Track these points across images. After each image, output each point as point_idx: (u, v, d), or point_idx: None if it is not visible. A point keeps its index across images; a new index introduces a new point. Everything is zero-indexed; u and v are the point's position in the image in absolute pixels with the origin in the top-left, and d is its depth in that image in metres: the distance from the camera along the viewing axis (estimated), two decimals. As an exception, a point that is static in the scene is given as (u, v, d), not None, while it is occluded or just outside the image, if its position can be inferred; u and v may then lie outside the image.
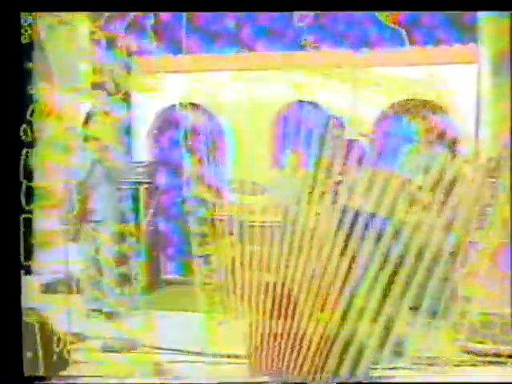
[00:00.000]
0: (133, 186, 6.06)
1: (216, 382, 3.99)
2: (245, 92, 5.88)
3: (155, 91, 5.78)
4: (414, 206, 4.08)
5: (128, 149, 6.37)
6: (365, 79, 5.70)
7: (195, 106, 6.14)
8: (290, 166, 5.66)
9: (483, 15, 5.46)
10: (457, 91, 5.65)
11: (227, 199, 5.74)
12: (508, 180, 4.16)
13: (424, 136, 5.17)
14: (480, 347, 4.30)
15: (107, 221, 5.31)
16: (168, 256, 6.59)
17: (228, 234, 4.56)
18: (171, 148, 6.49)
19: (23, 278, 3.98)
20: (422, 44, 5.87)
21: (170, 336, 4.55)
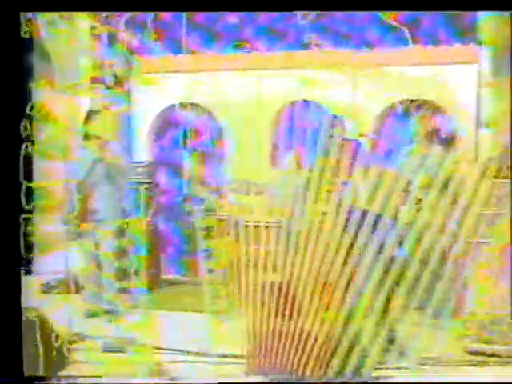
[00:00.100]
0: (133, 186, 6.05)
1: (216, 382, 3.99)
2: (245, 92, 5.88)
3: (155, 90, 5.78)
4: (415, 206, 4.08)
5: (128, 149, 6.36)
6: (365, 79, 5.70)
7: (195, 106, 6.13)
8: (290, 166, 5.65)
9: (483, 15, 5.46)
10: (457, 91, 5.65)
11: (227, 199, 5.73)
12: None
13: (424, 136, 5.17)
14: (487, 347, 4.30)
15: (108, 220, 5.31)
16: (168, 256, 6.58)
17: (228, 234, 4.56)
18: (171, 148, 6.48)
19: (23, 278, 3.98)
20: (423, 44, 5.86)
21: (170, 336, 4.55)
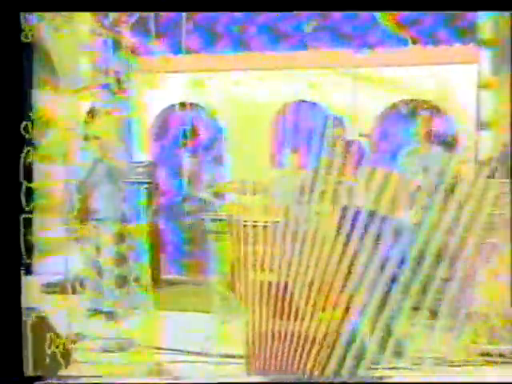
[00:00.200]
0: (133, 186, 6.05)
1: (216, 382, 3.99)
2: (245, 92, 5.88)
3: (156, 91, 5.78)
4: (415, 207, 4.08)
5: (128, 149, 6.37)
6: (365, 79, 5.70)
7: (195, 106, 6.13)
8: (290, 166, 5.65)
9: (483, 15, 5.46)
10: (457, 91, 5.65)
11: (227, 199, 5.73)
12: None
13: (424, 136, 5.17)
14: (498, 348, 4.30)
15: (108, 220, 5.31)
16: (168, 256, 6.58)
17: (228, 234, 4.56)
18: (171, 148, 6.48)
19: (23, 278, 3.98)
20: (423, 44, 5.86)
21: (171, 336, 4.55)
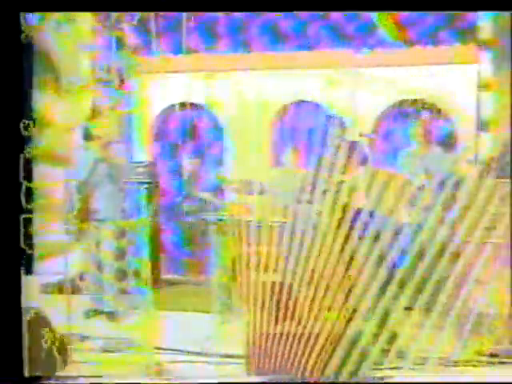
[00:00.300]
0: (133, 186, 6.05)
1: (216, 382, 3.99)
2: (245, 92, 5.88)
3: (156, 91, 5.78)
4: (415, 207, 4.08)
5: (128, 149, 6.37)
6: (365, 79, 5.70)
7: (195, 106, 6.14)
8: (291, 166, 5.65)
9: (483, 16, 5.47)
10: (457, 91, 5.65)
11: (228, 199, 5.73)
12: None
13: (424, 136, 5.16)
14: (499, 348, 4.30)
15: (109, 220, 5.31)
16: (168, 256, 6.59)
17: (229, 234, 4.56)
18: (171, 148, 6.49)
19: (23, 278, 3.98)
20: (423, 44, 5.86)
21: (170, 336, 4.55)
